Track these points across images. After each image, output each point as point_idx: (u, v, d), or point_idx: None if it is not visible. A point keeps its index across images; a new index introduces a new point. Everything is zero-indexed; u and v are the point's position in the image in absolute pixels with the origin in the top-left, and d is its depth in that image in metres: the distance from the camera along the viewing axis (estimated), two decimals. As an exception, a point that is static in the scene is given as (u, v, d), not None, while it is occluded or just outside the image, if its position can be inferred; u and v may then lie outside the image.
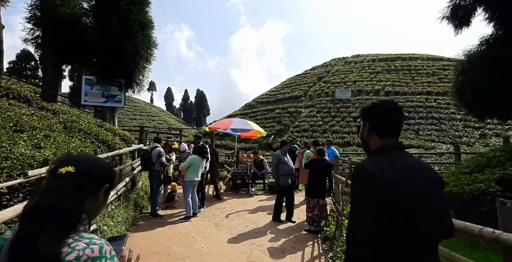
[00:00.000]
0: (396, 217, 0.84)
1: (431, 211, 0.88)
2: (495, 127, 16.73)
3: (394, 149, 1.01)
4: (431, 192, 0.90)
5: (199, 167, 5.32)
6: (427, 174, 0.94)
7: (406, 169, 0.92)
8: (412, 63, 28.74)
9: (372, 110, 1.08)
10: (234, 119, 8.38)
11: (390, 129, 1.04)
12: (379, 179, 0.86)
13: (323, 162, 4.49)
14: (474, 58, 7.76)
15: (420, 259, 0.87)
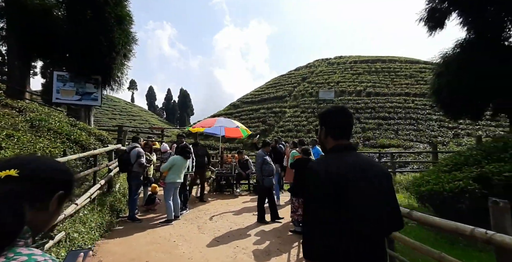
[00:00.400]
0: (336, 202, 1.02)
1: (362, 197, 1.05)
2: (467, 128, 17.67)
3: (344, 149, 1.18)
4: (366, 183, 1.07)
5: (182, 168, 5.10)
6: (368, 169, 1.11)
7: (348, 165, 1.09)
8: (391, 65, 29.80)
9: (327, 116, 1.26)
10: (219, 118, 8.19)
11: (341, 132, 1.21)
12: (322, 174, 1.06)
13: (309, 161, 4.45)
14: (450, 61, 8.09)
15: (360, 237, 1.03)
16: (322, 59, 38.45)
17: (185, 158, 5.14)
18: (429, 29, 8.80)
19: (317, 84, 28.23)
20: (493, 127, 17.50)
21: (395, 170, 8.28)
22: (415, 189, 4.21)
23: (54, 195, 0.66)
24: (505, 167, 3.44)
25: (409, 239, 1.75)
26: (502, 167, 3.49)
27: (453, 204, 3.62)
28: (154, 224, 4.83)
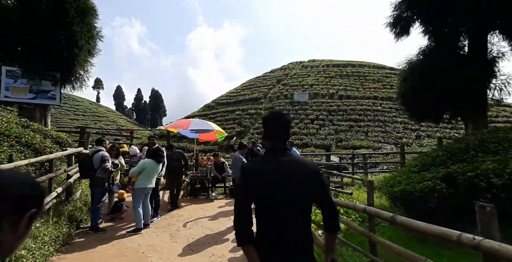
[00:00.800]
0: (263, 194, 1.23)
1: (288, 190, 1.24)
2: (427, 130, 19.10)
3: (278, 151, 1.34)
4: (285, 178, 1.25)
5: (153, 172, 4.75)
6: (298, 167, 1.30)
7: (279, 163, 1.29)
8: (361, 70, 31.38)
9: (265, 122, 1.43)
10: (194, 119, 7.87)
11: (277, 136, 1.37)
12: (253, 171, 1.28)
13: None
14: (414, 67, 8.62)
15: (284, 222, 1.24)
16: (296, 62, 39.32)
17: (157, 161, 4.80)
18: (396, 35, 9.32)
19: (291, 86, 28.75)
20: (448, 130, 19.12)
21: (366, 170, 8.60)
22: (388, 189, 4.34)
23: (23, 214, 0.59)
24: (468, 167, 3.65)
25: (392, 243, 1.70)
26: (465, 167, 3.71)
27: (423, 204, 3.77)
28: (120, 234, 4.42)
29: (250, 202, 1.25)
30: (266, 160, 1.35)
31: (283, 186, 1.24)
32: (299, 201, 1.27)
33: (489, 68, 7.87)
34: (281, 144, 1.36)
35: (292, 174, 1.27)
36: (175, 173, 6.33)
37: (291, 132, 20.87)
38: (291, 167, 1.29)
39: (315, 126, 20.35)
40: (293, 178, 1.26)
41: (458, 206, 3.61)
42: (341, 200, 2.46)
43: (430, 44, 8.67)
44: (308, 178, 1.30)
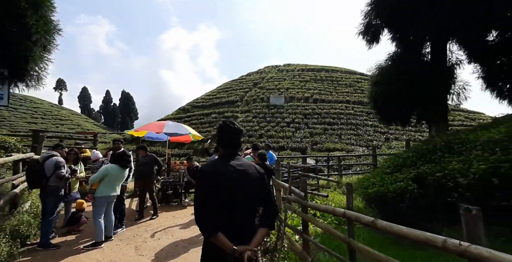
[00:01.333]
0: (216, 194, 1.42)
1: (236, 190, 1.44)
2: (395, 132, 20.22)
3: (229, 156, 1.54)
4: (236, 180, 1.45)
5: (117, 179, 4.32)
6: (245, 170, 1.51)
7: (229, 167, 1.48)
8: (334, 75, 32.56)
9: (218, 131, 1.65)
10: (168, 122, 7.41)
11: (228, 143, 1.58)
12: (207, 173, 1.49)
13: (265, 167, 4.21)
14: (383, 72, 9.02)
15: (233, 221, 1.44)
16: (272, 66, 39.83)
17: (123, 166, 4.38)
18: (367, 42, 9.72)
19: (268, 90, 28.95)
20: (413, 133, 20.38)
21: (341, 172, 8.76)
22: (363, 191, 4.35)
23: None
24: (436, 168, 3.77)
25: (372, 250, 1.59)
26: (433, 167, 3.82)
27: (396, 204, 3.81)
28: (77, 249, 3.93)
29: (209, 201, 1.43)
30: (221, 165, 1.52)
31: (235, 187, 1.46)
32: (248, 199, 1.49)
33: (449, 75, 8.46)
34: (233, 149, 1.58)
35: (242, 176, 1.50)
36: (144, 178, 5.89)
37: (268, 134, 20.97)
38: (242, 171, 1.51)
39: (291, 129, 20.59)
40: (243, 180, 1.49)
41: (428, 205, 3.70)
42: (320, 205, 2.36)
43: (397, 51, 9.15)
44: (256, 180, 1.53)
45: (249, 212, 1.52)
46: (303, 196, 2.63)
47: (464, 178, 3.36)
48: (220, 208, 1.43)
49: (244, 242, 1.42)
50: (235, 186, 1.45)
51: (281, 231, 3.51)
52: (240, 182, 1.47)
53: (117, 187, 4.30)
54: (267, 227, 1.54)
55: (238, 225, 1.46)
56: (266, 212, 1.56)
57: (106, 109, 65.58)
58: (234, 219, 1.45)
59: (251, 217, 1.54)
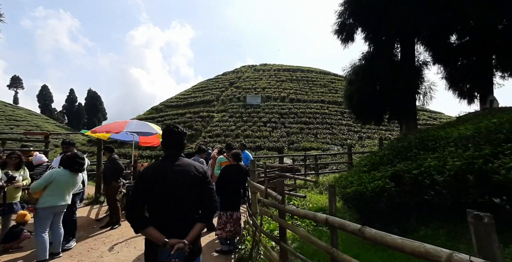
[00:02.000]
0: (152, 193, 1.60)
1: (170, 188, 1.63)
2: (367, 131, 20.94)
3: (170, 157, 1.74)
4: (172, 178, 1.64)
5: (68, 186, 3.72)
6: (181, 169, 1.68)
7: (167, 167, 1.68)
8: (309, 75, 33.12)
9: (162, 134, 1.83)
10: (131, 121, 6.77)
11: (170, 146, 1.78)
12: (143, 174, 1.67)
13: (239, 168, 3.90)
14: (357, 70, 9.13)
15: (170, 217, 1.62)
16: (248, 65, 39.60)
17: (73, 171, 3.79)
18: (342, 41, 9.79)
19: (244, 89, 28.63)
20: (384, 131, 21.28)
21: (318, 171, 8.70)
22: (341, 190, 4.21)
23: None
24: (412, 165, 3.71)
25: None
26: (410, 165, 3.76)
27: (374, 203, 3.69)
28: (15, 272, 3.31)
29: (140, 199, 1.59)
30: (160, 165, 1.70)
31: (170, 185, 1.62)
32: (181, 197, 1.63)
33: (417, 74, 8.76)
34: (174, 151, 1.75)
35: (178, 175, 1.65)
36: (105, 183, 5.34)
37: (245, 134, 20.66)
38: (179, 170, 1.66)
39: (267, 129, 20.46)
40: (179, 178, 1.64)
41: (404, 203, 3.62)
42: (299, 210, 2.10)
43: (370, 50, 9.31)
44: (193, 178, 1.68)
45: (185, 208, 1.65)
46: (281, 199, 2.35)
47: (440, 175, 3.31)
48: (155, 204, 1.60)
49: (183, 236, 1.57)
50: (169, 184, 1.61)
51: (256, 238, 3.22)
52: (175, 180, 1.63)
53: (67, 196, 3.71)
54: (202, 222, 1.70)
55: (174, 220, 1.61)
56: (203, 208, 1.71)
57: (70, 109, 60.93)
58: (170, 215, 1.60)
59: (189, 212, 1.67)
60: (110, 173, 5.36)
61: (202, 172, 1.74)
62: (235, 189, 3.77)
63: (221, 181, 3.70)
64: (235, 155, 3.94)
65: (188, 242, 1.55)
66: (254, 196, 3.68)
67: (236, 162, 3.92)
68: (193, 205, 1.68)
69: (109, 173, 5.36)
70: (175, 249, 1.49)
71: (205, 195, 1.71)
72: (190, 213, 1.67)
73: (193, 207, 1.68)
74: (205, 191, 1.71)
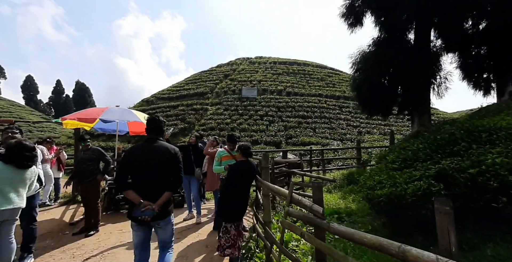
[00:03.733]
0: (134, 166, 2.18)
1: (146, 166, 2.17)
2: (366, 126, 20.37)
3: (149, 140, 2.29)
4: (147, 156, 2.19)
5: (14, 184, 2.81)
6: (157, 150, 2.24)
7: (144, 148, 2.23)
8: (306, 69, 32.26)
9: (146, 122, 2.39)
10: (111, 108, 5.81)
11: (151, 131, 2.33)
12: (126, 151, 2.27)
13: (250, 165, 3.02)
14: (368, 57, 8.31)
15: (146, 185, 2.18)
16: (243, 58, 38.39)
17: (21, 166, 2.86)
18: (349, 26, 8.93)
19: (239, 81, 27.60)
20: (383, 126, 20.78)
21: (324, 167, 7.95)
22: (368, 192, 3.42)
23: None
24: (465, 162, 2.94)
25: None
26: (461, 162, 2.99)
27: (417, 210, 2.92)
28: None
29: (123, 170, 2.23)
30: (142, 145, 2.28)
31: (145, 162, 2.18)
32: (155, 171, 2.19)
33: (433, 61, 8.01)
34: (153, 135, 2.32)
35: (153, 154, 2.21)
36: (85, 179, 4.39)
37: (240, 128, 19.72)
38: (154, 150, 2.23)
39: (264, 122, 19.62)
40: (153, 157, 2.20)
41: (457, 211, 2.85)
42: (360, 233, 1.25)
43: (381, 35, 8.50)
44: (165, 157, 2.23)
45: (158, 179, 2.21)
46: (321, 212, 1.54)
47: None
48: (136, 175, 2.20)
49: (155, 200, 2.16)
50: (145, 161, 2.19)
51: (273, 257, 2.40)
52: (149, 158, 2.20)
53: (14, 197, 2.80)
54: (169, 191, 2.26)
55: (149, 188, 2.18)
56: (172, 181, 2.28)
57: (57, 101, 58.54)
58: (145, 184, 2.18)
59: (161, 183, 2.22)
60: (93, 167, 4.44)
61: (174, 153, 2.29)
62: (246, 193, 2.92)
63: (230, 183, 2.85)
64: (245, 148, 3.06)
65: (156, 205, 2.14)
66: (266, 199, 2.84)
67: (245, 157, 3.08)
68: (164, 177, 2.22)
69: (92, 167, 4.44)
70: (146, 208, 2.10)
71: (175, 170, 2.27)
72: (162, 184, 2.21)
73: (164, 179, 2.22)
74: (175, 167, 2.27)
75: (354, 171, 7.33)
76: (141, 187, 2.14)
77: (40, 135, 34.14)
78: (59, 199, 6.33)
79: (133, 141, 19.07)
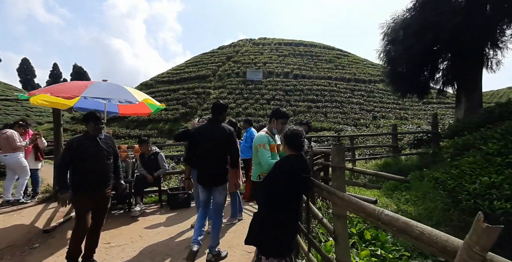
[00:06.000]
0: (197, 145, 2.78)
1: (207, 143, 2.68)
2: (381, 110, 19.06)
3: (212, 121, 2.76)
4: (208, 135, 2.69)
5: None
6: (216, 129, 2.70)
7: (208, 127, 2.75)
8: (312, 50, 30.38)
9: (212, 106, 2.83)
10: (95, 82, 4.52)
11: (215, 112, 2.76)
12: (197, 130, 2.85)
13: (303, 163, 1.90)
14: (408, 23, 6.85)
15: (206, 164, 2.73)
16: (246, 39, 36.29)
17: None
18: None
19: (243, 64, 25.95)
20: (398, 110, 19.46)
21: (354, 157, 6.73)
22: (481, 203, 2.21)
23: None
24: None
25: None
26: None
27: None
28: None
29: (192, 147, 2.78)
30: (206, 125, 2.79)
31: (206, 140, 2.65)
32: (216, 147, 2.66)
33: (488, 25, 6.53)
34: (215, 117, 2.75)
35: (213, 134, 2.67)
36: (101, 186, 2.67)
37: (246, 112, 18.27)
38: (214, 130, 2.69)
39: (271, 107, 18.29)
40: (213, 136, 2.66)
41: None
42: None
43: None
44: (222, 137, 2.66)
45: (218, 155, 2.69)
46: None
47: None
48: (200, 151, 2.69)
49: (208, 178, 2.69)
50: (206, 139, 2.65)
51: None
52: (210, 137, 2.66)
53: None
54: (233, 168, 2.87)
55: (208, 164, 2.67)
56: (232, 158, 2.78)
57: (54, 85, 56.84)
58: (205, 160, 2.67)
59: (220, 159, 2.70)
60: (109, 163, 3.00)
61: (230, 131, 2.72)
62: (298, 207, 1.77)
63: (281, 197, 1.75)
64: (290, 136, 1.90)
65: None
66: (342, 224, 1.62)
67: (296, 150, 1.92)
68: (223, 154, 2.72)
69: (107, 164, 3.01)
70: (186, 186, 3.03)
71: (232, 148, 2.74)
72: (221, 160, 2.71)
73: (223, 155, 2.72)
74: (232, 145, 2.72)
75: (390, 161, 6.14)
76: (202, 162, 2.67)
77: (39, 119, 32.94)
78: (38, 195, 5.22)
79: (132, 126, 17.88)
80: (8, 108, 33.23)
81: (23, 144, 4.94)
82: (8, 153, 4.78)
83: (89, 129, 2.65)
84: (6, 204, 4.75)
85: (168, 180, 6.49)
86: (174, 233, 3.54)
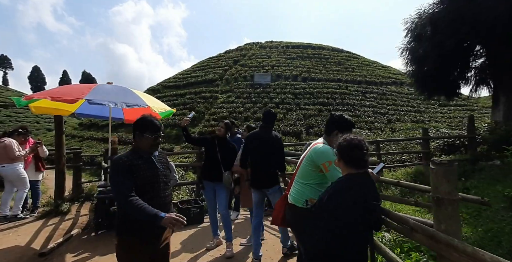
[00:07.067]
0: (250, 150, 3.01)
1: (260, 150, 2.89)
2: (395, 113, 18.31)
3: (263, 128, 2.97)
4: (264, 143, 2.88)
5: None
6: (268, 136, 2.90)
7: (259, 134, 2.96)
8: (321, 52, 29.86)
9: (263, 114, 3.13)
10: (99, 84, 4.10)
11: (266, 121, 3.00)
12: (249, 136, 3.07)
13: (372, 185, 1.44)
14: (438, 17, 6.28)
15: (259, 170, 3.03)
16: (253, 42, 36.02)
17: None
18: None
19: (251, 67, 25.58)
20: (413, 113, 18.66)
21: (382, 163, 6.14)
22: None
23: None
24: None
25: None
26: None
27: None
28: None
29: (247, 153, 2.99)
30: (258, 132, 2.99)
31: (260, 145, 2.87)
32: (267, 153, 2.85)
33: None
34: (267, 124, 2.96)
35: (265, 139, 2.87)
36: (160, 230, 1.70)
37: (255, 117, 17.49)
38: (266, 136, 2.89)
39: (281, 110, 17.75)
40: (264, 142, 2.86)
41: None
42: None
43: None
44: (273, 143, 2.87)
45: (268, 161, 2.85)
46: None
47: None
48: (253, 156, 2.93)
49: (261, 180, 2.88)
50: (261, 145, 2.86)
51: None
52: (261, 143, 2.86)
53: None
54: (282, 171, 3.03)
55: (259, 167, 2.88)
56: (279, 166, 2.96)
57: (64, 92, 57.77)
58: (259, 163, 2.87)
59: (270, 164, 2.87)
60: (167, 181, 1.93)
61: (278, 139, 2.93)
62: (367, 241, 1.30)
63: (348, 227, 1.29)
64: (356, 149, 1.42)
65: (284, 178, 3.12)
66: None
67: (358, 169, 1.45)
68: (272, 160, 2.87)
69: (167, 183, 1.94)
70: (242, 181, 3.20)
71: (280, 156, 2.94)
72: (271, 165, 2.87)
73: (272, 161, 2.87)
74: (279, 152, 2.93)
75: (422, 169, 5.52)
76: (255, 165, 2.90)
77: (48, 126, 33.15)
78: (38, 209, 4.79)
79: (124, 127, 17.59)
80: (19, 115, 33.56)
81: (23, 154, 4.53)
82: (6, 163, 4.37)
83: (142, 143, 1.70)
84: (3, 219, 4.33)
85: (177, 190, 6.00)
86: (186, 259, 3.02)
